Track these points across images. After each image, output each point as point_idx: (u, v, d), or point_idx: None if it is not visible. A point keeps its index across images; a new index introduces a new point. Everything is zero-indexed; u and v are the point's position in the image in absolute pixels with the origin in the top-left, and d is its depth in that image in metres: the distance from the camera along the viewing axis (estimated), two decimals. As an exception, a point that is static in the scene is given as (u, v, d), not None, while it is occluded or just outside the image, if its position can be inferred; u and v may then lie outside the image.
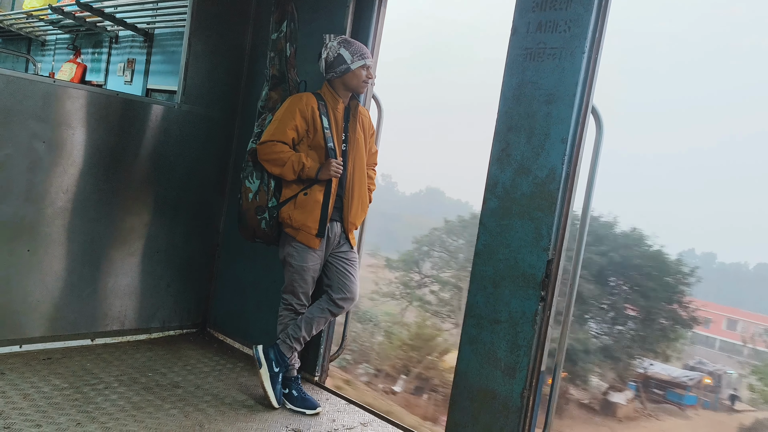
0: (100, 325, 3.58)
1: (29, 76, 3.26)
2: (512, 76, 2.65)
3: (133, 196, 3.60)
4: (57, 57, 6.23)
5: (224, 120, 3.92)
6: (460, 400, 2.75)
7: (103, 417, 2.70)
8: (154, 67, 4.85)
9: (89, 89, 3.43)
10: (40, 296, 3.31)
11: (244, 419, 2.90)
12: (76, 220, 3.38)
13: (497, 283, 2.65)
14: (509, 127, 2.64)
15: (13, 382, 2.90)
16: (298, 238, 2.96)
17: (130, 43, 5.11)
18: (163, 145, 3.68)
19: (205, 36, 3.78)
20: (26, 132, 3.14)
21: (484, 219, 2.71)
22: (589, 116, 2.50)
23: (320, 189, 2.94)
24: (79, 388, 2.96)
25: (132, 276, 3.68)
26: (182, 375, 3.32)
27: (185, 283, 3.94)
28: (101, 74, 5.41)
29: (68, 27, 5.67)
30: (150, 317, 3.81)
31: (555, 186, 2.49)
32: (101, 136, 3.41)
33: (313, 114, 2.93)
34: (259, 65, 3.78)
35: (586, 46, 2.43)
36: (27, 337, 3.30)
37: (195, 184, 3.85)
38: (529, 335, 2.54)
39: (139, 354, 3.53)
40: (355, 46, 2.96)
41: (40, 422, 2.57)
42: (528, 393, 2.55)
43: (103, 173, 3.45)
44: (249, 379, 3.37)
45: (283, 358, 3.05)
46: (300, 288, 3.03)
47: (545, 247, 2.51)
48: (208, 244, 4.00)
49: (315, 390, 3.38)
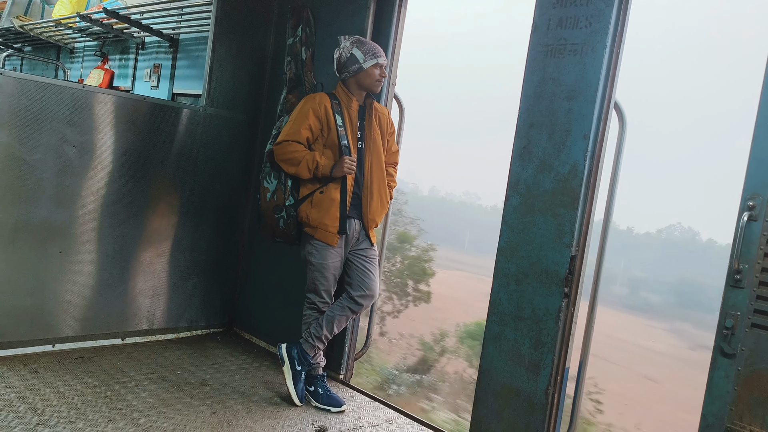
0: (130, 325, 3.66)
1: (59, 82, 3.35)
2: (533, 73, 2.65)
3: (160, 198, 3.68)
4: (85, 64, 6.36)
5: (248, 122, 3.98)
6: (484, 397, 2.75)
7: (134, 414, 2.77)
8: (180, 72, 4.93)
9: (117, 94, 3.51)
10: (71, 297, 3.39)
11: (271, 416, 2.94)
12: (106, 222, 3.46)
13: (520, 280, 2.65)
14: (530, 124, 2.65)
15: (47, 380, 2.98)
16: (317, 237, 3.00)
17: (156, 49, 5.20)
18: (189, 147, 3.74)
19: (229, 40, 3.84)
20: (57, 136, 3.22)
21: (507, 216, 2.71)
22: (611, 112, 2.50)
23: (336, 187, 2.97)
24: (110, 386, 3.03)
25: (160, 277, 3.75)
26: (210, 373, 3.37)
27: (211, 284, 4.01)
28: (128, 80, 5.51)
29: (96, 34, 5.78)
30: (178, 317, 3.88)
31: (577, 182, 2.48)
32: (129, 140, 3.49)
33: (326, 113, 2.96)
34: (282, 68, 3.82)
35: (608, 41, 2.42)
36: (59, 336, 3.38)
37: (219, 186, 3.91)
38: (553, 332, 2.54)
39: (168, 353, 3.59)
40: (368, 46, 2.99)
41: (74, 419, 2.64)
42: (552, 390, 2.55)
43: (131, 176, 3.52)
44: (275, 377, 3.41)
45: (306, 357, 3.09)
46: (321, 286, 3.06)
47: (568, 244, 2.51)
48: (233, 245, 4.06)
49: (340, 388, 3.41)
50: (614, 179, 2.52)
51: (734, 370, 2.15)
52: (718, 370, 2.19)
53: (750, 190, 2.13)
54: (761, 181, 2.11)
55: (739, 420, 2.13)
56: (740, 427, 2.13)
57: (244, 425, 2.81)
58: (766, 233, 2.10)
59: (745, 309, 2.13)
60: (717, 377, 2.19)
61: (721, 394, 2.17)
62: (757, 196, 2.11)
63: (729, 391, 2.15)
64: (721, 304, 2.19)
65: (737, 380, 2.14)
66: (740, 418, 2.13)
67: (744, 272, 2.13)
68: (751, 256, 2.12)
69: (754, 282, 2.12)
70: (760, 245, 2.11)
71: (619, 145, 2.53)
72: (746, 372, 2.13)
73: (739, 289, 2.15)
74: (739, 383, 2.14)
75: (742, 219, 2.12)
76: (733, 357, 2.15)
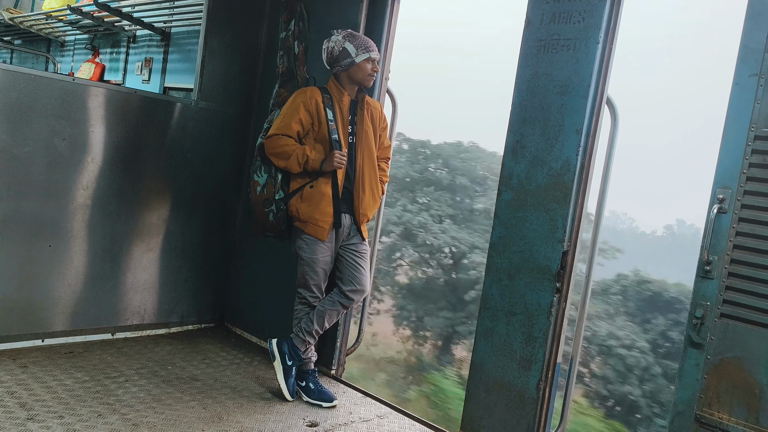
0: (120, 320, 3.64)
1: (49, 74, 3.32)
2: (526, 68, 2.65)
3: (151, 192, 3.65)
4: (76, 57, 6.32)
5: (240, 116, 3.96)
6: (476, 392, 2.76)
7: (123, 409, 2.75)
8: (171, 66, 4.91)
9: (108, 87, 3.48)
10: (61, 291, 3.37)
11: (262, 411, 2.94)
12: (96, 216, 3.44)
13: (512, 275, 2.65)
14: (523, 119, 2.65)
15: (36, 375, 2.96)
16: (307, 231, 2.99)
17: (148, 42, 5.17)
18: (180, 141, 3.72)
19: (221, 34, 3.81)
20: (46, 129, 3.19)
21: (499, 211, 2.72)
22: (603, 107, 2.50)
23: (326, 181, 2.96)
24: (100, 380, 3.01)
25: (151, 271, 3.73)
26: (201, 368, 3.36)
27: (203, 279, 3.99)
28: (119, 73, 5.48)
29: (87, 27, 5.75)
30: (169, 312, 3.86)
31: (570, 177, 2.49)
32: (120, 134, 3.46)
33: (317, 107, 2.95)
34: (274, 62, 3.81)
35: (600, 36, 2.43)
36: (49, 331, 3.36)
37: (211, 181, 3.89)
38: (545, 327, 2.54)
39: (158, 348, 3.58)
40: (360, 40, 2.98)
41: (63, 414, 2.62)
42: (544, 385, 2.56)
43: (122, 170, 3.50)
44: (266, 373, 3.40)
45: (296, 352, 3.08)
46: (312, 280, 3.05)
47: (560, 239, 2.51)
48: (225, 240, 4.04)
49: (332, 383, 3.40)
50: (606, 174, 2.53)
51: (704, 359, 2.20)
52: (688, 359, 2.24)
53: (720, 183, 2.18)
54: (730, 174, 2.16)
55: (708, 407, 2.18)
56: (709, 415, 2.18)
57: (234, 420, 2.80)
58: (735, 225, 2.15)
59: (715, 299, 2.18)
60: (687, 366, 2.24)
61: (691, 383, 2.22)
62: (727, 189, 2.17)
63: (698, 379, 2.20)
64: (691, 295, 2.24)
65: (706, 369, 2.19)
66: (709, 405, 2.18)
67: (714, 263, 2.18)
68: (720, 248, 2.17)
69: (723, 273, 2.17)
70: (729, 237, 2.16)
71: (611, 141, 2.53)
72: (715, 361, 2.18)
73: (708, 280, 2.20)
74: (709, 372, 2.19)
75: (712, 211, 2.18)
76: (703, 346, 2.20)
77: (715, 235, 2.18)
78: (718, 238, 2.18)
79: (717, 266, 2.17)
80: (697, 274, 2.22)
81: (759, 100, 2.11)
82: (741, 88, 2.15)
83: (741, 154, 2.14)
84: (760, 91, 2.11)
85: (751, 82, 2.13)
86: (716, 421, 2.16)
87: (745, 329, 2.11)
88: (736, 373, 2.13)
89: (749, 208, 2.12)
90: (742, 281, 2.13)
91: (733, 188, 2.15)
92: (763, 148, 2.10)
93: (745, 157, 2.13)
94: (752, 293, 2.11)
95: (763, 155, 2.10)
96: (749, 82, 2.14)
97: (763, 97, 2.11)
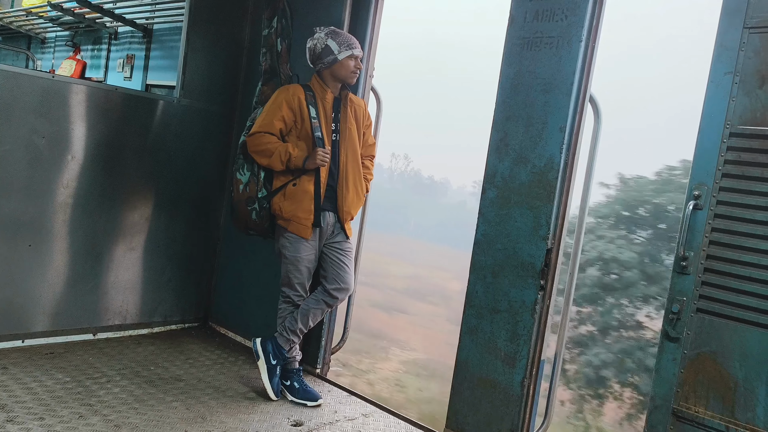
0: (102, 320, 3.60)
1: (28, 71, 3.27)
2: (510, 66, 2.65)
3: (133, 191, 3.61)
4: (57, 54, 6.24)
5: (223, 114, 3.92)
6: (460, 390, 2.76)
7: (105, 410, 2.72)
8: (154, 63, 4.86)
9: (88, 84, 3.44)
10: (41, 291, 3.32)
11: (246, 411, 2.92)
12: (77, 215, 3.39)
13: (496, 272, 2.66)
14: (507, 117, 2.65)
15: (16, 377, 2.91)
16: (290, 229, 2.97)
17: (129, 39, 5.11)
18: (163, 139, 3.68)
19: (204, 31, 3.78)
20: (26, 127, 3.14)
21: (483, 209, 2.72)
22: (587, 105, 2.51)
23: (309, 179, 2.95)
24: (81, 381, 2.97)
25: (133, 271, 3.69)
26: (184, 368, 3.33)
27: (186, 278, 3.95)
28: (101, 71, 5.42)
29: (67, 24, 5.67)
30: (152, 312, 3.82)
31: (553, 175, 2.50)
32: (101, 131, 3.42)
33: (300, 104, 2.94)
34: (258, 59, 3.78)
35: (583, 34, 2.43)
36: (29, 332, 3.31)
37: (194, 179, 3.86)
38: (529, 324, 2.55)
39: (141, 348, 3.54)
40: (343, 37, 2.97)
41: (43, 415, 2.59)
42: (528, 382, 2.56)
43: (103, 168, 3.45)
44: (251, 372, 3.38)
45: (281, 351, 3.06)
46: (295, 279, 3.04)
47: (544, 236, 2.52)
48: (209, 239, 4.01)
49: (317, 382, 3.39)
50: (590, 172, 2.54)
51: (680, 354, 2.22)
52: (665, 354, 2.27)
53: (696, 180, 2.21)
54: (706, 171, 2.19)
55: (685, 401, 2.21)
56: (686, 408, 2.21)
57: (218, 420, 2.78)
58: (710, 222, 2.17)
59: (691, 294, 2.21)
60: (664, 360, 2.27)
61: (668, 377, 2.25)
62: (702, 186, 2.19)
63: (675, 373, 2.23)
64: (668, 290, 2.27)
65: (683, 363, 2.22)
66: (686, 399, 2.20)
67: (690, 259, 2.21)
68: (696, 244, 2.20)
69: (699, 269, 2.19)
70: (705, 233, 2.18)
71: (594, 138, 2.55)
72: (691, 355, 2.20)
73: (685, 275, 2.22)
74: (685, 366, 2.21)
75: (688, 208, 2.20)
76: (679, 341, 2.23)
77: (691, 231, 2.21)
78: (694, 234, 2.20)
79: (693, 262, 2.20)
80: (673, 269, 2.25)
81: (734, 97, 2.14)
82: (716, 86, 2.18)
83: (717, 151, 2.17)
84: (735, 89, 2.14)
85: (726, 80, 2.16)
86: (693, 414, 2.19)
87: (721, 324, 2.14)
88: (711, 367, 2.15)
89: (725, 205, 2.15)
90: (718, 276, 2.16)
91: (708, 185, 2.18)
92: (738, 145, 2.13)
93: (721, 154, 2.16)
94: (728, 288, 2.14)
95: (738, 152, 2.13)
96: (724, 80, 2.16)
97: (737, 94, 2.14)
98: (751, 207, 2.09)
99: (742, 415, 2.09)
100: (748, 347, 2.08)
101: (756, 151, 2.09)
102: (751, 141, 2.10)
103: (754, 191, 2.09)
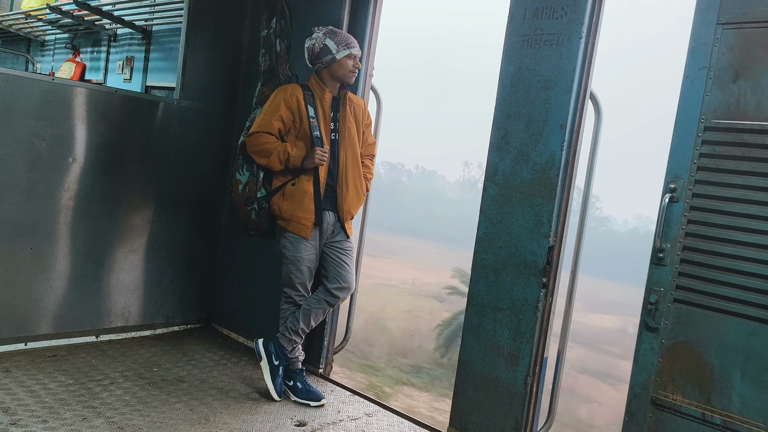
0: (104, 322, 3.60)
1: (28, 74, 3.27)
2: (510, 64, 2.65)
3: (134, 193, 3.61)
4: (56, 57, 6.24)
5: (223, 115, 3.92)
6: (463, 388, 2.76)
7: (108, 412, 2.72)
8: (153, 65, 4.85)
9: (88, 86, 3.43)
10: (44, 294, 3.32)
11: (249, 412, 2.91)
12: (78, 218, 3.39)
13: (499, 271, 2.65)
14: (508, 115, 2.64)
15: (19, 380, 2.91)
16: (290, 229, 2.97)
17: (129, 41, 5.11)
18: (163, 141, 3.68)
19: (203, 32, 3.78)
20: (26, 130, 3.14)
21: (485, 207, 2.71)
22: (587, 102, 2.50)
23: (308, 179, 2.95)
24: (84, 384, 2.97)
25: (135, 272, 3.69)
26: (187, 370, 3.33)
27: (188, 279, 3.95)
28: (100, 73, 5.42)
29: (67, 26, 5.67)
30: (154, 313, 3.82)
31: (554, 172, 2.49)
32: (101, 134, 3.42)
33: (298, 104, 2.94)
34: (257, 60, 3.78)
35: (583, 31, 2.43)
36: (32, 334, 3.31)
37: (195, 180, 3.86)
38: (532, 322, 2.55)
39: (143, 350, 3.54)
40: (341, 36, 2.97)
41: (47, 418, 2.59)
42: (531, 380, 2.56)
43: (104, 170, 3.45)
44: (253, 373, 3.38)
45: (283, 351, 3.06)
46: (296, 279, 3.03)
47: (546, 234, 2.52)
48: (210, 240, 4.01)
49: (320, 382, 3.38)
50: (591, 169, 2.54)
51: (658, 343, 2.24)
52: (643, 343, 2.29)
53: (672, 173, 2.23)
54: (681, 164, 2.21)
55: (663, 390, 2.23)
56: (664, 397, 2.23)
57: (221, 421, 2.78)
58: (686, 214, 2.20)
59: (668, 285, 2.23)
60: (643, 350, 2.29)
61: (647, 366, 2.27)
62: (678, 179, 2.22)
63: (654, 363, 2.25)
64: (646, 281, 2.29)
65: (661, 352, 2.24)
66: (664, 388, 2.23)
67: (666, 251, 2.23)
68: (672, 236, 2.23)
69: (676, 260, 2.22)
70: (681, 225, 2.21)
71: (595, 136, 2.54)
72: (669, 345, 2.23)
73: (662, 266, 2.25)
74: (663, 355, 2.24)
75: (664, 200, 2.23)
76: (657, 330, 2.25)
77: (667, 223, 2.23)
78: (671, 226, 2.23)
79: (670, 253, 2.23)
80: (651, 261, 2.27)
81: (708, 92, 2.16)
82: (691, 81, 2.20)
83: (692, 145, 2.19)
84: (709, 84, 2.16)
85: (700, 75, 2.18)
86: (671, 402, 2.21)
87: (697, 314, 2.17)
88: (688, 356, 2.18)
89: (700, 197, 2.17)
90: (694, 267, 2.18)
91: (684, 178, 2.20)
92: (712, 138, 2.15)
93: (696, 147, 2.18)
94: (704, 279, 2.16)
95: (712, 146, 2.15)
96: (699, 75, 2.18)
97: (712, 89, 2.16)
98: (726, 199, 2.12)
99: (718, 402, 2.12)
100: (724, 336, 2.11)
101: (730, 145, 2.12)
102: (725, 135, 2.12)
103: (729, 184, 2.12)
